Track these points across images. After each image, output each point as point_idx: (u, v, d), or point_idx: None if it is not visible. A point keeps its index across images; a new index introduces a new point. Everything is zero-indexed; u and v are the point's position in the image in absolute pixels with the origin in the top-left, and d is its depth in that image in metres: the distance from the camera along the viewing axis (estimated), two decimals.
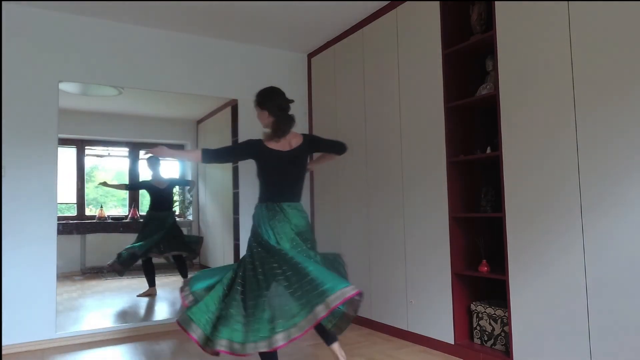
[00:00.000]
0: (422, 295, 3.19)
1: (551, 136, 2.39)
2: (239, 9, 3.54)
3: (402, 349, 3.14)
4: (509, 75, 2.62)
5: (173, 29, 3.92)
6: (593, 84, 2.21)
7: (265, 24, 3.85)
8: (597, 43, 2.20)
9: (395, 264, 3.41)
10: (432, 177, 3.12)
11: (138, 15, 3.63)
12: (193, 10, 3.55)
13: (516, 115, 2.58)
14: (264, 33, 4.05)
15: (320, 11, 3.61)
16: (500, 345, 2.76)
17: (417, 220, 3.24)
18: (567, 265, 2.31)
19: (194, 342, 2.19)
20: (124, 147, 4.42)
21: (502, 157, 2.65)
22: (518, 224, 2.55)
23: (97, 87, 3.84)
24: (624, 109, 2.10)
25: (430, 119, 3.14)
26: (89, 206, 4.25)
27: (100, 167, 4.40)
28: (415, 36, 3.27)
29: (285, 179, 2.56)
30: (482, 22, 2.94)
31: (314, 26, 3.91)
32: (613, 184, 2.13)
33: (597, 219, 2.19)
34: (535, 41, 2.48)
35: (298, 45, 4.37)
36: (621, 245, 2.09)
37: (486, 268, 2.83)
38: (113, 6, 3.46)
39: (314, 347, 3.21)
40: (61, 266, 3.54)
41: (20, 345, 3.26)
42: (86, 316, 3.88)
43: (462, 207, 3.04)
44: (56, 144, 3.48)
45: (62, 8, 3.48)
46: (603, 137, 2.17)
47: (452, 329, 2.96)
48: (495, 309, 2.79)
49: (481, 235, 3.06)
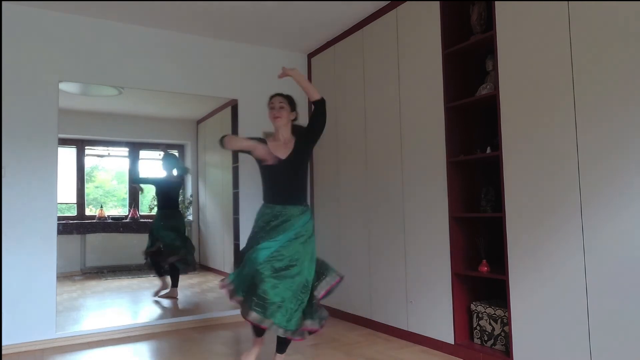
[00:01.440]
0: (422, 295, 3.19)
1: (551, 136, 2.39)
2: (239, 9, 3.54)
3: (402, 349, 3.14)
4: (509, 75, 2.62)
5: (173, 29, 3.92)
6: (593, 84, 2.21)
7: (265, 24, 3.85)
8: (597, 43, 2.20)
9: (395, 264, 3.41)
10: (432, 177, 3.12)
11: (138, 15, 3.63)
12: (193, 10, 3.55)
13: (516, 115, 2.57)
14: (264, 33, 4.05)
15: (320, 11, 3.61)
16: (500, 345, 2.76)
17: (417, 220, 3.24)
18: (567, 265, 2.31)
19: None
20: (124, 147, 4.42)
21: (502, 157, 2.65)
22: (518, 224, 2.55)
23: (97, 87, 3.84)
24: (624, 109, 2.09)
25: (430, 119, 3.14)
26: (89, 206, 4.25)
27: (100, 167, 4.40)
28: (415, 36, 3.27)
29: (283, 181, 2.69)
30: (482, 22, 2.94)
31: (314, 26, 3.91)
32: (613, 183, 2.13)
33: (597, 219, 2.18)
34: (535, 41, 2.48)
35: (298, 45, 4.37)
36: (621, 245, 2.09)
37: (486, 268, 2.83)
38: (113, 6, 3.46)
39: (314, 347, 3.21)
40: (61, 266, 3.54)
41: (20, 345, 3.26)
42: (86, 316, 3.88)
43: (462, 207, 3.04)
44: (56, 144, 3.48)
45: (62, 8, 3.48)
46: (603, 137, 2.17)
47: (452, 329, 2.96)
48: (495, 309, 2.79)
49: (481, 235, 3.06)
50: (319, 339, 3.40)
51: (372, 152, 3.67)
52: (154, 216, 4.37)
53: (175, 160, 4.44)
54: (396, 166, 3.42)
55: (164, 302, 4.21)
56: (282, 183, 2.66)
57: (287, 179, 2.66)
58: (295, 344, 3.22)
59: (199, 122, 4.64)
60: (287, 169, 2.65)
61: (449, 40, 3.05)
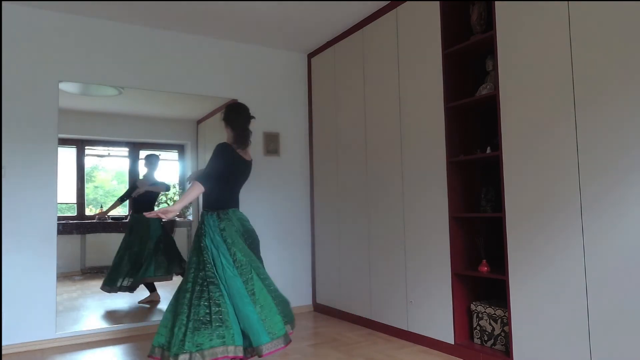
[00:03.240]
0: (422, 295, 3.19)
1: (551, 136, 2.39)
2: (239, 9, 3.54)
3: (402, 349, 3.14)
4: (509, 75, 2.62)
5: (173, 29, 3.92)
6: (593, 84, 2.21)
7: (265, 24, 3.85)
8: (597, 42, 2.20)
9: (395, 264, 3.41)
10: (432, 177, 3.12)
11: (138, 15, 3.63)
12: (193, 10, 3.55)
13: (516, 115, 2.57)
14: (264, 33, 4.05)
15: (320, 11, 3.61)
16: (500, 345, 2.76)
17: (417, 220, 3.24)
18: (567, 265, 2.31)
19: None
20: (124, 147, 4.42)
21: (502, 157, 2.65)
22: (518, 224, 2.55)
23: (97, 87, 3.84)
24: (624, 109, 2.09)
25: (430, 119, 3.14)
26: (89, 206, 4.25)
27: (100, 167, 4.40)
28: (415, 36, 3.27)
29: (240, 185, 2.76)
30: (482, 22, 2.94)
31: (314, 26, 3.91)
32: (613, 183, 2.13)
33: (597, 219, 2.18)
34: (535, 41, 2.48)
35: (298, 45, 4.37)
36: (621, 245, 2.09)
37: (486, 268, 2.83)
38: (113, 6, 3.46)
39: (314, 347, 3.21)
40: (61, 266, 3.54)
41: (20, 345, 3.26)
42: (86, 316, 3.87)
43: (462, 207, 3.04)
44: (56, 144, 3.48)
45: (62, 8, 3.48)
46: (603, 136, 2.17)
47: (452, 329, 2.96)
48: (495, 309, 2.79)
49: (481, 235, 3.06)
50: (319, 338, 3.40)
51: (372, 152, 3.67)
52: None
53: (157, 159, 4.34)
54: (396, 166, 3.42)
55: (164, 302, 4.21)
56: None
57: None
58: (295, 344, 3.22)
59: (199, 122, 4.63)
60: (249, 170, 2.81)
61: (449, 40, 3.05)
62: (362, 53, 3.80)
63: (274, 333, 2.40)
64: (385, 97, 3.54)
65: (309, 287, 4.45)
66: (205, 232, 2.54)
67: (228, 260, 2.47)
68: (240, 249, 2.51)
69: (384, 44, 3.56)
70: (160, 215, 2.43)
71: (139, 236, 4.20)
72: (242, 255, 2.50)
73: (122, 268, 4.07)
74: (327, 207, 4.23)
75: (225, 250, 2.49)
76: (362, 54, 3.80)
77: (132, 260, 4.10)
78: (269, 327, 2.39)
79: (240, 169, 2.70)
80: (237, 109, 2.78)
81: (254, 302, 2.41)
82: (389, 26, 3.51)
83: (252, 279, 2.46)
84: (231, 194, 2.68)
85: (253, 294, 2.43)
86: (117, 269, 4.06)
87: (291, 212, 4.42)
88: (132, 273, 4.07)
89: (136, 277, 4.07)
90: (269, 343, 2.37)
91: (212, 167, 2.58)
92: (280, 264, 4.28)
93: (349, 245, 3.92)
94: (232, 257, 2.48)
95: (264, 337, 2.36)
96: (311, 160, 4.51)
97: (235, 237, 2.53)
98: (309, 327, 3.80)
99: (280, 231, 4.33)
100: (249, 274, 2.46)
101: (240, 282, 2.44)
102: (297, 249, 4.42)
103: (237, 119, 2.72)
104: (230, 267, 2.45)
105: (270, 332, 2.39)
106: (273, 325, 2.41)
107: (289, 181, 4.43)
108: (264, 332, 2.37)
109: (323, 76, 4.34)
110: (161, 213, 2.43)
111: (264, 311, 2.41)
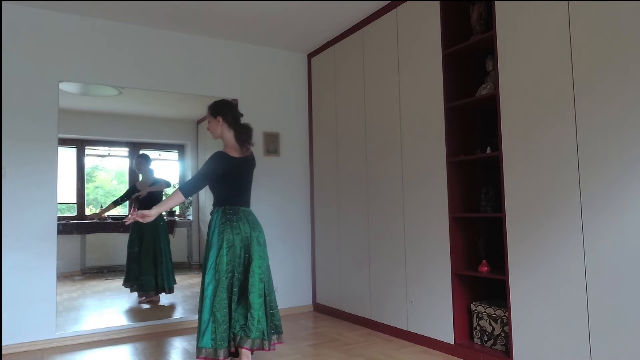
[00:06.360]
0: (422, 295, 3.19)
1: (551, 136, 2.39)
2: (239, 9, 3.54)
3: (402, 349, 3.14)
4: (509, 75, 2.62)
5: (173, 29, 3.92)
6: (593, 84, 2.21)
7: (265, 24, 3.86)
8: (597, 43, 2.20)
9: (395, 264, 3.41)
10: (432, 177, 3.12)
11: (138, 15, 3.63)
12: (193, 10, 3.55)
13: (516, 115, 2.58)
14: (264, 33, 4.05)
15: (320, 11, 3.61)
16: (500, 345, 2.76)
17: (417, 220, 3.24)
18: (568, 265, 2.31)
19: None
20: (124, 147, 4.42)
21: (502, 157, 2.65)
22: (518, 224, 2.55)
23: (97, 87, 3.84)
24: (623, 109, 2.09)
25: (430, 119, 3.14)
26: (89, 206, 4.25)
27: (101, 167, 4.40)
28: (415, 36, 3.27)
29: (245, 182, 2.74)
30: (482, 22, 2.94)
31: (314, 26, 3.91)
32: (613, 183, 2.13)
33: (597, 218, 2.18)
34: (535, 41, 2.48)
35: (298, 45, 4.37)
36: (621, 245, 2.09)
37: (486, 268, 2.83)
38: (113, 6, 3.46)
39: (314, 347, 3.21)
40: (61, 266, 3.55)
41: (20, 345, 3.26)
42: (86, 316, 3.88)
43: (462, 207, 3.04)
44: (56, 144, 3.48)
45: (62, 8, 3.48)
46: (603, 136, 2.17)
47: (452, 329, 2.96)
48: (495, 309, 2.79)
49: (481, 235, 3.06)
50: (319, 338, 3.40)
51: (372, 151, 3.67)
52: None
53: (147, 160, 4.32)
54: (396, 166, 3.42)
55: (164, 302, 4.22)
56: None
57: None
58: (295, 344, 3.22)
59: (199, 122, 4.64)
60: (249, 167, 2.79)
61: (449, 40, 3.06)
62: (362, 53, 3.80)
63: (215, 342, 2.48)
64: (385, 97, 3.54)
65: (309, 287, 4.45)
66: (211, 228, 2.63)
67: (212, 262, 2.55)
68: (229, 261, 2.55)
69: (384, 44, 3.56)
70: (138, 219, 2.45)
71: (152, 237, 4.22)
72: (226, 264, 2.54)
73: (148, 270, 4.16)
74: (327, 207, 4.23)
75: (215, 252, 2.55)
76: (362, 54, 3.80)
77: (151, 260, 4.18)
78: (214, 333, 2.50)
79: (240, 169, 2.68)
80: (227, 103, 2.76)
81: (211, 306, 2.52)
82: (389, 26, 3.51)
83: (223, 290, 2.52)
84: (235, 192, 2.67)
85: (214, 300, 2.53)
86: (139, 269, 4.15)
87: (291, 212, 4.42)
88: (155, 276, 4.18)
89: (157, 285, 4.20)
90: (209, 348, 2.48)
91: (200, 174, 2.56)
92: (281, 264, 4.28)
93: (349, 245, 3.92)
94: (217, 259, 2.54)
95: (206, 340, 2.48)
96: (311, 160, 4.51)
97: (233, 242, 2.57)
98: (309, 327, 3.80)
99: (280, 231, 4.33)
100: (223, 284, 2.53)
101: (212, 288, 2.54)
102: (297, 249, 4.42)
103: (233, 111, 2.71)
104: (211, 271, 2.55)
105: (213, 339, 2.48)
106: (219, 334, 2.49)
107: (289, 181, 4.43)
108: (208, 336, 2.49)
109: (323, 76, 4.34)
110: (139, 217, 2.44)
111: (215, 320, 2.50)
